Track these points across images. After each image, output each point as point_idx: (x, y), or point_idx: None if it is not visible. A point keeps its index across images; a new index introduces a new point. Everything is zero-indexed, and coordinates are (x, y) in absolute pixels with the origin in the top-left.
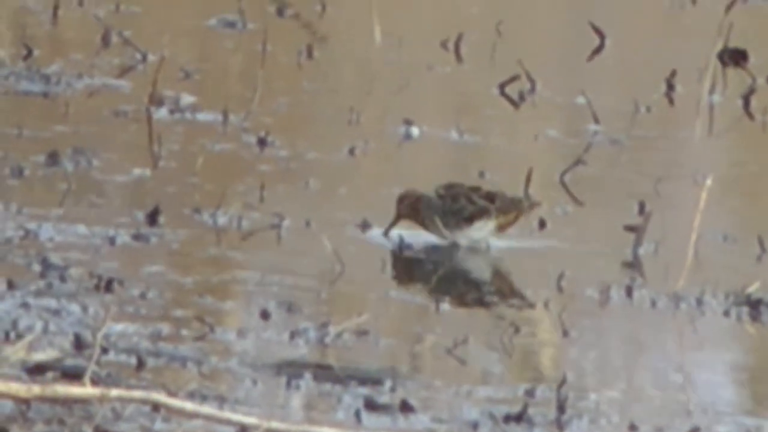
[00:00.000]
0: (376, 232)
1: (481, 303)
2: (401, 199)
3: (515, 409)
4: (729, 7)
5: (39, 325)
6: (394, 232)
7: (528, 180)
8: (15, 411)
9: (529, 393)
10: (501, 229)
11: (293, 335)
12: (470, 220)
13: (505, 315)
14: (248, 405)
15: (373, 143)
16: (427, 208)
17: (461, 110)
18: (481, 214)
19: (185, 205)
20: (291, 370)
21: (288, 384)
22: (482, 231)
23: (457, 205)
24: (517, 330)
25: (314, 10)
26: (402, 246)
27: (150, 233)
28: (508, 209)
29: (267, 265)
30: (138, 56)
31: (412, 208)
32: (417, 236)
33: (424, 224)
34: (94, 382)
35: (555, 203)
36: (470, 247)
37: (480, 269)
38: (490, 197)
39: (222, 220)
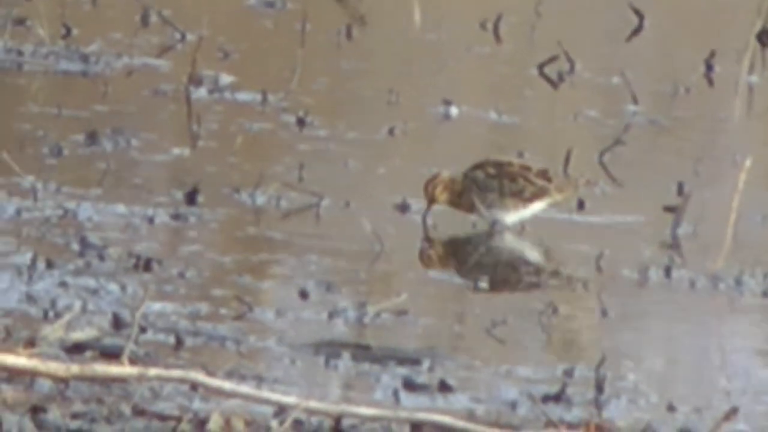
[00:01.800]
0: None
1: (520, 283)
2: (431, 187)
3: (554, 389)
4: None
5: (78, 305)
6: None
7: (567, 160)
8: (53, 390)
9: (568, 373)
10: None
11: (331, 315)
12: (530, 200)
13: (544, 295)
14: (286, 384)
15: (412, 123)
16: (474, 189)
17: (500, 90)
18: (541, 193)
19: (224, 185)
20: (329, 349)
21: (326, 364)
22: (535, 210)
23: (517, 186)
24: (555, 310)
25: None
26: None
27: (189, 213)
28: (564, 188)
29: (305, 244)
30: (177, 36)
31: (447, 190)
32: (454, 216)
33: (468, 206)
34: (133, 361)
35: (594, 183)
36: (509, 226)
37: (519, 249)
38: (545, 175)
39: (261, 199)
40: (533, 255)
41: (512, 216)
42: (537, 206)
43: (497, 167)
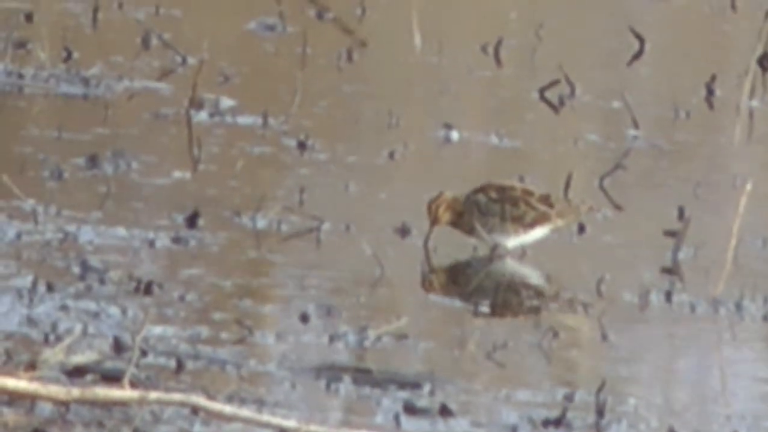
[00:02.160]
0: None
1: (521, 307)
2: (435, 207)
3: (554, 413)
4: None
5: (78, 328)
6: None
7: (567, 184)
8: (54, 413)
9: (568, 397)
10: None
11: (332, 339)
12: (532, 225)
13: (545, 319)
14: (287, 408)
15: (413, 147)
16: (475, 213)
17: (501, 114)
18: (543, 219)
19: (224, 208)
20: (330, 373)
21: (327, 387)
22: (537, 236)
23: (518, 211)
24: (556, 334)
25: (354, 13)
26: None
27: (189, 236)
28: (566, 213)
29: (306, 268)
30: (178, 59)
31: (449, 210)
32: (454, 239)
33: (468, 228)
34: (133, 384)
35: (596, 210)
36: (510, 250)
37: (519, 273)
38: (547, 201)
39: (261, 223)
40: (534, 279)
41: (513, 241)
42: (538, 232)
43: (499, 191)
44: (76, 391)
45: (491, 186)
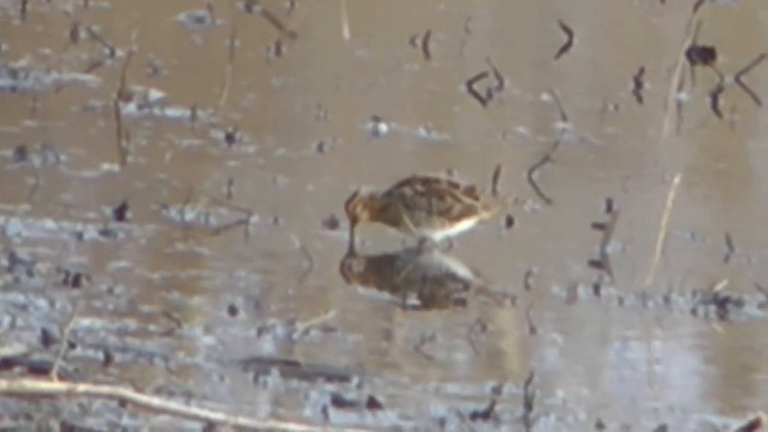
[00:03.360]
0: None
1: (449, 300)
2: (351, 206)
3: (482, 406)
4: (697, 6)
5: (6, 320)
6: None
7: (496, 177)
8: None
9: (497, 390)
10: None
11: (260, 331)
12: (458, 218)
13: (473, 312)
14: (215, 401)
15: (342, 140)
16: (401, 206)
17: (429, 107)
18: (469, 212)
19: (153, 201)
20: (258, 366)
21: (255, 380)
22: (463, 228)
23: (445, 205)
24: (484, 327)
25: (283, 6)
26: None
27: (118, 228)
28: (491, 206)
29: (234, 261)
30: (106, 51)
31: (367, 208)
32: (383, 233)
33: (392, 221)
34: (62, 377)
35: (522, 202)
36: (437, 243)
37: (447, 266)
38: (472, 193)
39: (190, 215)
40: (462, 272)
41: (439, 234)
42: (464, 224)
43: (425, 184)
44: (3, 383)
45: (416, 179)
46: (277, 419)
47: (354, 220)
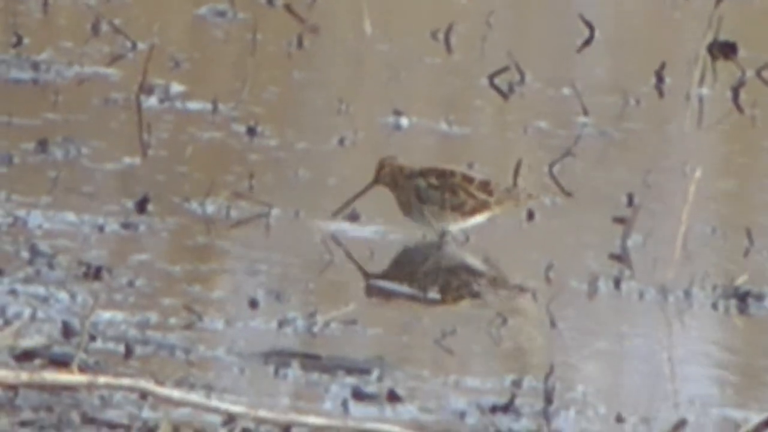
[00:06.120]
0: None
1: (469, 293)
2: (383, 166)
3: (502, 399)
4: (719, 1)
5: (27, 312)
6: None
7: (517, 171)
8: (2, 398)
9: (517, 384)
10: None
11: (281, 324)
12: (471, 213)
13: (493, 305)
14: (235, 394)
15: (363, 134)
16: (417, 199)
17: (450, 101)
18: (482, 207)
19: (174, 194)
20: (278, 359)
21: (275, 373)
22: (476, 221)
23: (458, 200)
24: (504, 321)
25: (305, 0)
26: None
27: (139, 221)
28: (504, 201)
29: (255, 254)
30: (128, 45)
31: (390, 176)
32: (404, 226)
33: (404, 205)
34: (82, 369)
35: (544, 195)
36: (458, 236)
37: (468, 259)
38: (486, 188)
39: (211, 209)
40: (482, 265)
41: (451, 228)
42: (476, 219)
43: (440, 177)
44: (24, 376)
45: (432, 170)
46: (297, 412)
47: (376, 179)
